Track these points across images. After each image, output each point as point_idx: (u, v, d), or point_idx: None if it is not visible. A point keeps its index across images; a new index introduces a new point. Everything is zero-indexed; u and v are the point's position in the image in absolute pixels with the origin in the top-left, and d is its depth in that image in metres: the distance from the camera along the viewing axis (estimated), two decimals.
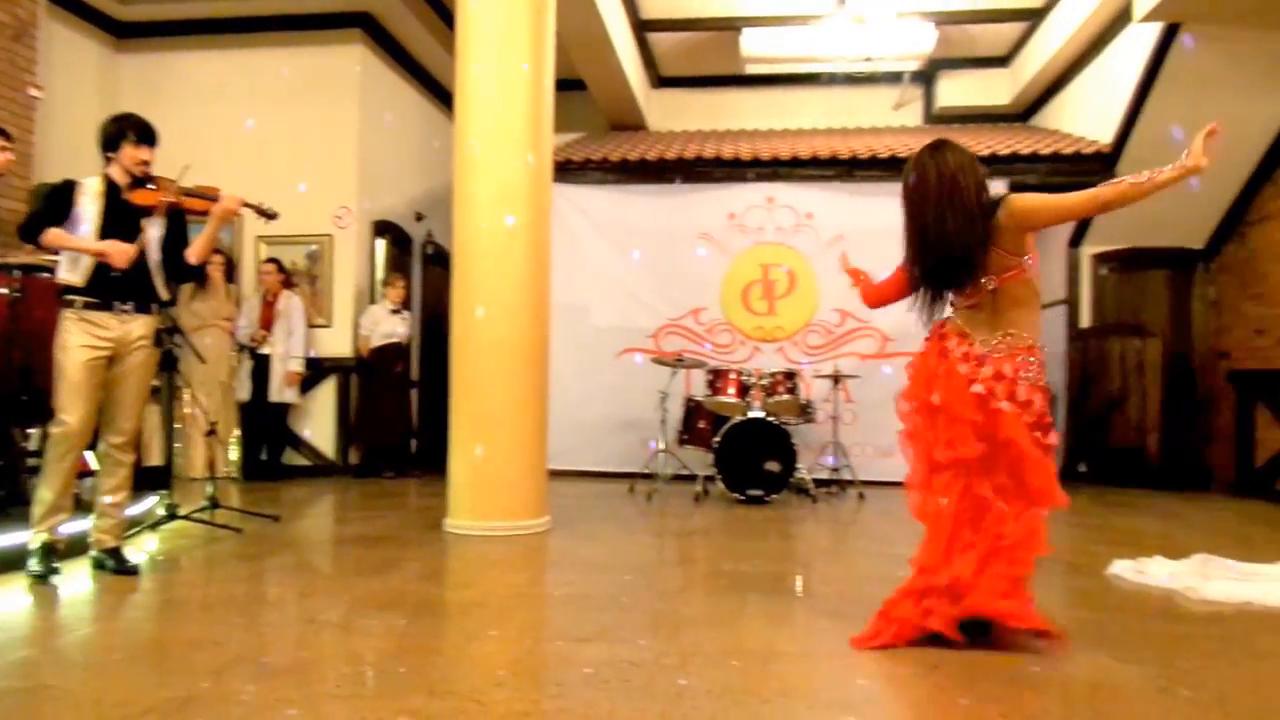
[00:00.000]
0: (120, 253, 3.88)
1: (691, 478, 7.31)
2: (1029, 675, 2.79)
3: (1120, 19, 7.89)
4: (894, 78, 10.35)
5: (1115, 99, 8.07)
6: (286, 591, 3.91)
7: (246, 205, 4.29)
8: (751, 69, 10.16)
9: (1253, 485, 7.70)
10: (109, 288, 3.93)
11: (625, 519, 6.03)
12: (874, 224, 8.34)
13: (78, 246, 3.87)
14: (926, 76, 10.69)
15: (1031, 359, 3.12)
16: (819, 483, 7.35)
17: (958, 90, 10.60)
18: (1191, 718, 2.43)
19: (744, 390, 6.98)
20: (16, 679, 2.65)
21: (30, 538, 3.84)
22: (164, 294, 4.20)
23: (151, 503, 5.26)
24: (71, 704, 2.42)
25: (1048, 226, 3.27)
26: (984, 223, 3.14)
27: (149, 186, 4.08)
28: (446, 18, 8.09)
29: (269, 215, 4.43)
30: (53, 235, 3.85)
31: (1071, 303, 8.91)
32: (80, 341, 3.86)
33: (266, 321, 7.72)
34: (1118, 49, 8.14)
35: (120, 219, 3.97)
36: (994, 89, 10.47)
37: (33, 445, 4.80)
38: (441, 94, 9.74)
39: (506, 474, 5.20)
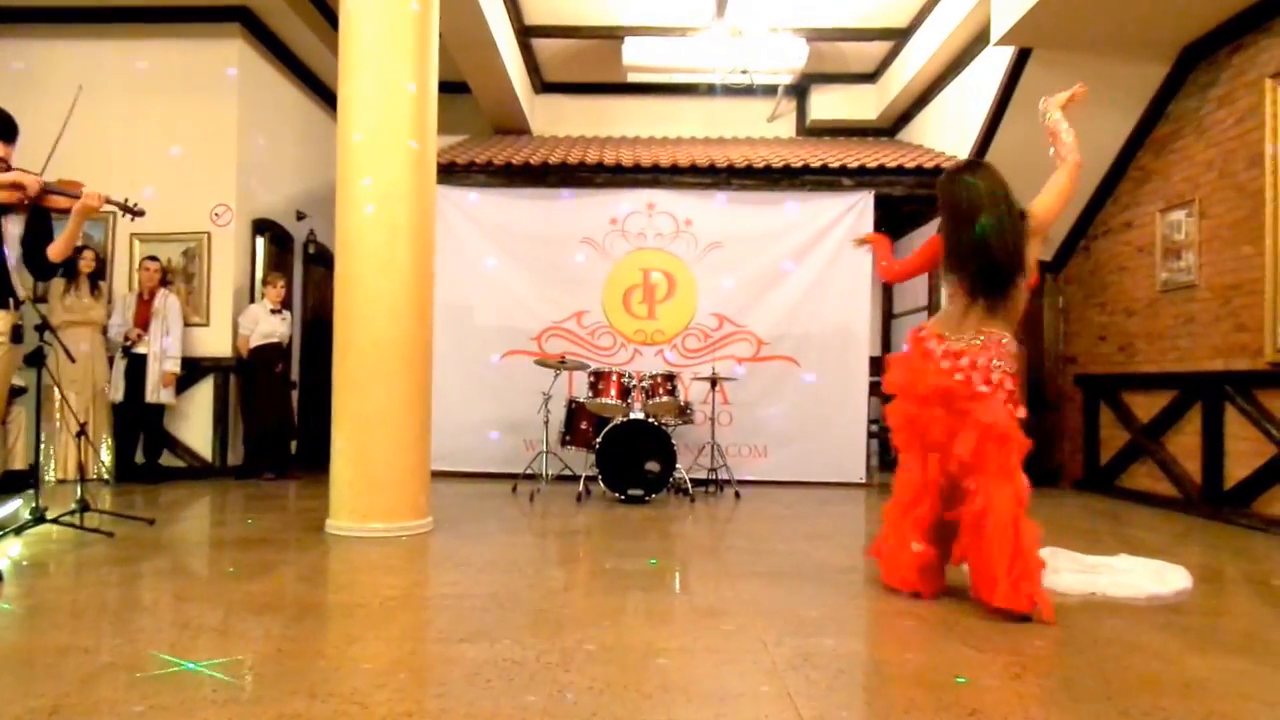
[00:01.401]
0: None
1: (574, 478, 7.34)
2: (890, 668, 2.93)
3: (978, 41, 8.29)
4: (769, 90, 10.63)
5: (972, 116, 8.48)
6: (161, 596, 3.76)
7: (110, 203, 4.10)
8: (633, 77, 10.26)
9: (1098, 481, 8.18)
10: None
11: (508, 519, 6.02)
12: (749, 231, 8.57)
13: None
14: (799, 90, 11.01)
15: (1002, 351, 3.63)
16: (697, 482, 7.49)
17: (828, 104, 10.95)
18: (1041, 701, 2.56)
19: (625, 392, 7.04)
20: None
21: None
22: (20, 292, 3.98)
23: (15, 506, 4.97)
24: None
25: (1057, 218, 3.75)
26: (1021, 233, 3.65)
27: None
28: (329, 15, 7.90)
29: (135, 213, 4.26)
30: None
31: (931, 308, 9.32)
32: None
33: (142, 320, 7.38)
34: (975, 70, 8.55)
35: None
36: (862, 104, 10.86)
37: None
38: (323, 92, 9.48)
39: (389, 475, 5.13)
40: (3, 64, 7.85)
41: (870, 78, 10.77)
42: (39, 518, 4.74)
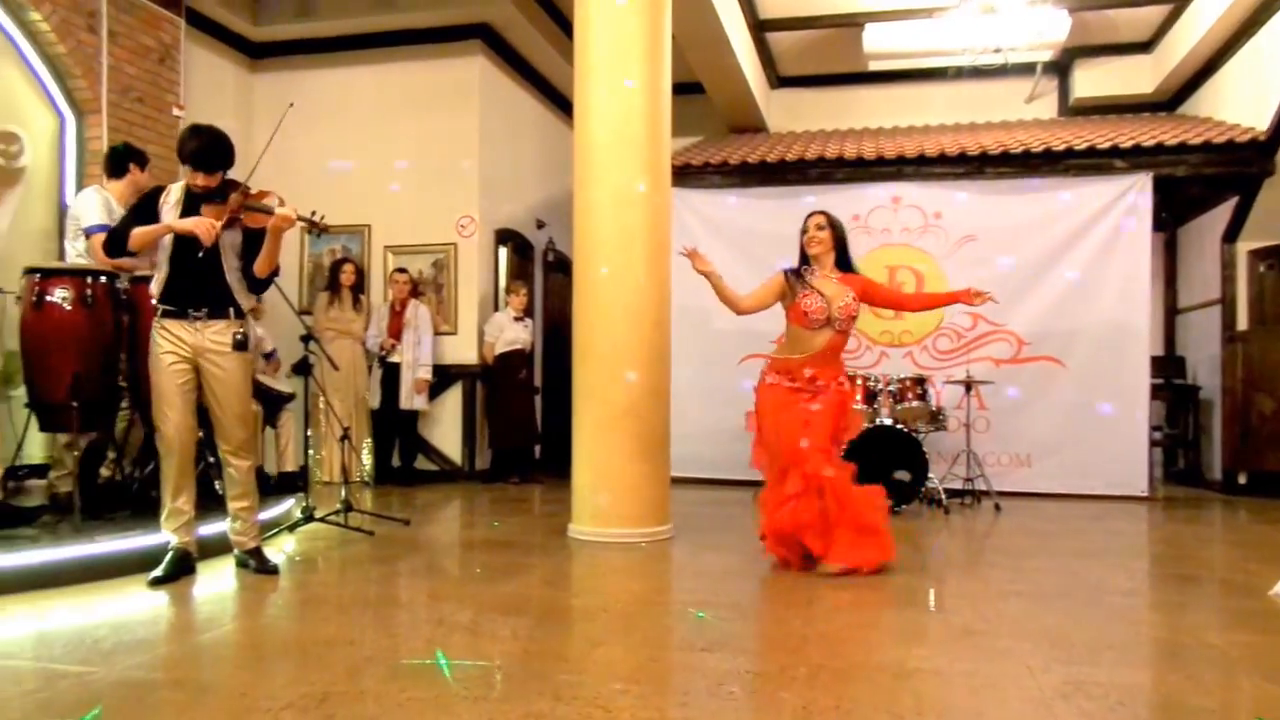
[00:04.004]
0: (207, 229, 3.88)
1: None
2: (1177, 703, 2.63)
3: None
4: (1026, 69, 9.97)
5: (1272, 82, 7.57)
6: (417, 593, 4.04)
7: (300, 219, 4.19)
8: (874, 65, 9.96)
9: None
10: (182, 297, 4.00)
11: (748, 528, 5.95)
12: (1006, 222, 8.08)
13: (165, 228, 3.94)
14: (1061, 66, 10.26)
15: None
16: (951, 493, 7.12)
17: (1096, 79, 10.14)
18: None
19: (871, 396, 6.83)
20: (164, 672, 2.82)
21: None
22: (244, 302, 4.21)
23: (289, 505, 5.52)
24: (218, 697, 2.56)
25: None
26: None
27: (216, 200, 4.09)
28: (564, 26, 8.24)
29: (321, 228, 4.34)
30: (135, 235, 3.95)
31: (1226, 302, 8.39)
32: (162, 350, 3.98)
33: (395, 330, 8.00)
34: (1276, 28, 7.64)
35: None
36: (1135, 77, 9.97)
37: None
38: (559, 100, 9.90)
39: (628, 480, 5.24)
40: (270, 92, 8.79)
41: (1144, 47, 9.86)
42: (309, 517, 5.26)
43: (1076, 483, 7.71)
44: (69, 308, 4.49)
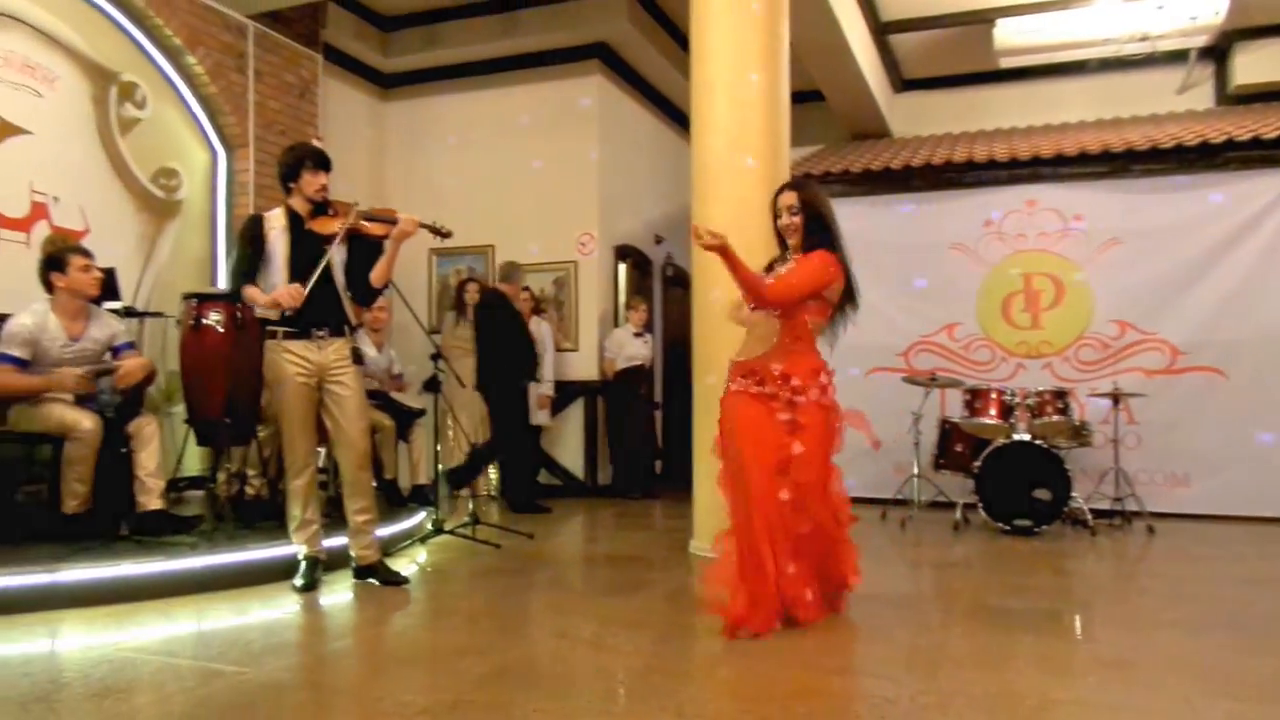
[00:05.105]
0: (287, 295, 4.05)
1: (949, 505, 7.04)
2: None
3: None
4: (1177, 57, 9.51)
5: None
6: (541, 606, 4.17)
7: (422, 225, 4.35)
8: (1006, 62, 9.67)
9: None
10: (304, 317, 4.17)
11: (877, 547, 5.90)
12: (1157, 223, 7.70)
13: (261, 303, 4.14)
14: (1218, 52, 9.74)
15: None
16: (1099, 514, 6.84)
17: (1258, 64, 9.55)
18: None
19: (1007, 411, 6.64)
20: (306, 675, 3.01)
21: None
22: (352, 318, 4.42)
23: (421, 518, 5.76)
24: (356, 700, 2.72)
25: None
26: None
27: (329, 213, 4.29)
28: (680, 40, 8.35)
29: (443, 234, 4.50)
30: (248, 294, 4.16)
31: None
32: (289, 372, 4.18)
33: None
34: None
35: (307, 248, 4.20)
36: None
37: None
38: (676, 115, 10.02)
39: None
40: (400, 121, 9.24)
41: None
42: (438, 529, 5.49)
43: (1243, 504, 7.25)
44: (222, 330, 4.85)
